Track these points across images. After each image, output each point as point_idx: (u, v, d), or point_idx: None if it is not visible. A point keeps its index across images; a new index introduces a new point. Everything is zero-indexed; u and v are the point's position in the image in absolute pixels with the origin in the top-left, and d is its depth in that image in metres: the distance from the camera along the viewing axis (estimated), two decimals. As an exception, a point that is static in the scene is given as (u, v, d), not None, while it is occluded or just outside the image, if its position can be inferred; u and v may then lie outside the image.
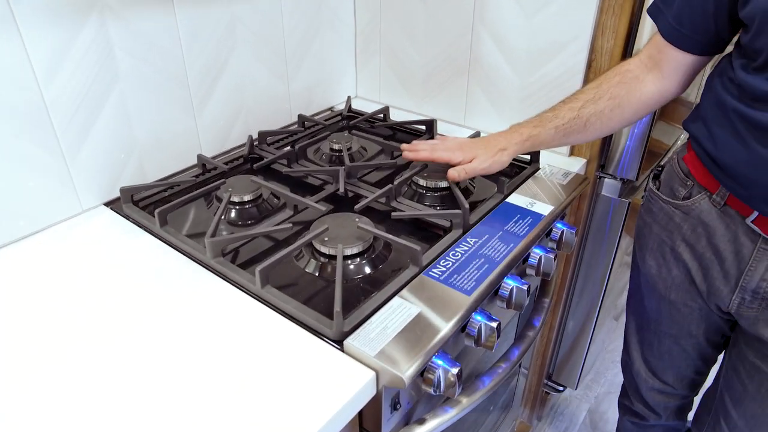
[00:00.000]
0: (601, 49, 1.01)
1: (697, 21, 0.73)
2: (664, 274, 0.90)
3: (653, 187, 0.90)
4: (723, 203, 0.77)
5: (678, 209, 0.84)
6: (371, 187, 0.95)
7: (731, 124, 0.70)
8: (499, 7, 1.06)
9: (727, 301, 0.81)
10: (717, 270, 0.81)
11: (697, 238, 0.82)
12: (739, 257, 0.77)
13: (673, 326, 0.95)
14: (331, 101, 1.33)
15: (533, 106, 1.10)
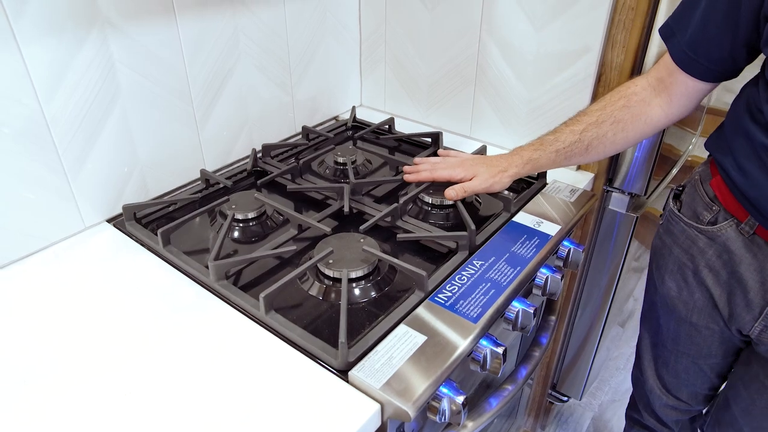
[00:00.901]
0: (610, 64, 0.99)
1: (713, 50, 0.71)
2: (685, 297, 0.88)
3: (674, 208, 0.88)
4: (752, 232, 0.75)
5: (702, 234, 0.82)
6: (376, 205, 0.94)
7: (760, 159, 0.68)
8: (506, 17, 1.04)
9: (749, 327, 0.80)
10: (741, 297, 0.80)
11: (723, 264, 0.81)
12: (765, 287, 0.76)
13: (692, 347, 0.93)
14: (336, 110, 1.32)
15: (541, 118, 1.09)
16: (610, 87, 1.00)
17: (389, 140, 1.19)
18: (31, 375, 0.62)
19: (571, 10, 0.96)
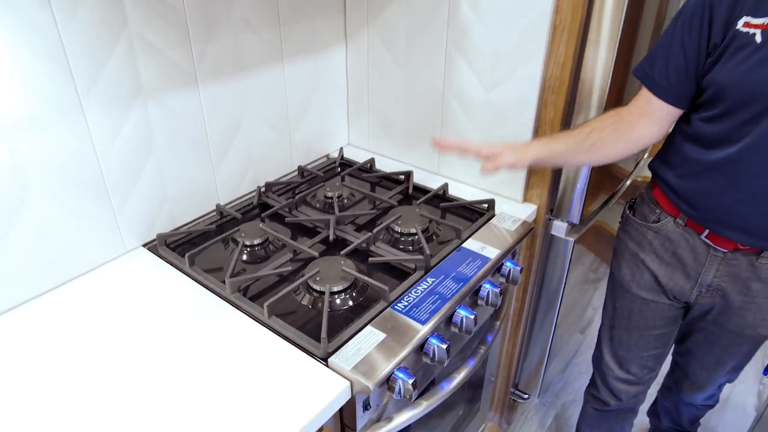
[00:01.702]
0: (545, 119, 1.24)
1: (681, 81, 0.95)
2: (637, 277, 1.18)
3: (629, 214, 1.19)
4: (684, 224, 1.06)
5: (650, 230, 1.13)
6: (356, 233, 1.19)
7: (689, 165, 1.00)
8: (463, 80, 1.30)
9: (689, 294, 1.12)
10: (681, 272, 1.11)
11: (665, 250, 1.12)
12: (697, 262, 1.07)
13: (641, 320, 1.23)
14: (327, 149, 1.57)
15: (492, 161, 1.33)
16: (544, 134, 1.25)
17: (371, 177, 1.44)
18: (100, 362, 0.87)
19: (512, 77, 1.22)
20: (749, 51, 0.85)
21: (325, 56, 1.43)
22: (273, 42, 1.27)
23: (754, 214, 0.95)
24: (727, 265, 1.04)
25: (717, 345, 1.19)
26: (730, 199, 0.96)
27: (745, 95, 0.87)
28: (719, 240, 1.02)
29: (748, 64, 0.85)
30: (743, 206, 0.95)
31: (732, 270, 1.05)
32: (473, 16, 1.21)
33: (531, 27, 1.14)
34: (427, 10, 1.29)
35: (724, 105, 0.90)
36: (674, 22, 0.95)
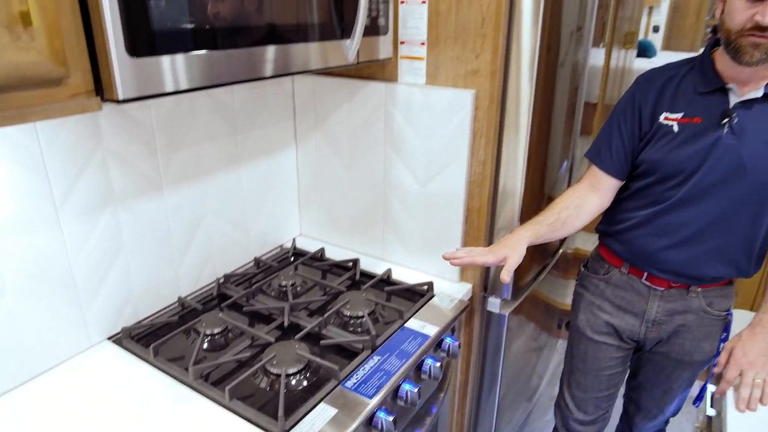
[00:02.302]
0: (473, 208, 1.42)
1: (622, 159, 1.26)
2: (592, 323, 1.43)
3: (584, 271, 1.47)
4: (627, 272, 1.34)
5: (601, 281, 1.40)
6: (309, 318, 1.30)
7: (627, 223, 1.29)
8: (400, 177, 1.48)
9: (638, 332, 1.36)
10: (630, 314, 1.36)
11: (615, 296, 1.38)
12: (641, 302, 1.33)
13: (595, 362, 1.45)
14: (281, 240, 1.70)
15: (429, 245, 1.50)
16: (474, 225, 1.43)
17: (322, 265, 1.58)
18: (69, 452, 0.92)
19: (442, 173, 1.41)
20: (670, 137, 1.17)
21: (278, 157, 1.60)
22: (230, 148, 1.43)
23: (679, 258, 1.23)
24: (665, 301, 1.30)
25: (663, 374, 1.42)
26: (660, 246, 1.24)
27: (670, 168, 1.18)
28: (656, 280, 1.29)
29: (670, 146, 1.17)
30: (670, 251, 1.23)
31: (669, 305, 1.30)
32: (406, 124, 1.42)
33: (455, 133, 1.35)
34: (366, 118, 1.49)
35: (655, 176, 1.21)
36: (611, 117, 1.29)
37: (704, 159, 1.13)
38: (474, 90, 1.30)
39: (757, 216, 1.16)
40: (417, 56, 1.36)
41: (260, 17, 0.98)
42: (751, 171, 1.11)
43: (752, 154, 1.10)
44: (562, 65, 1.56)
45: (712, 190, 1.15)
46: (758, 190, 1.12)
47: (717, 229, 1.18)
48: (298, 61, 1.09)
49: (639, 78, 1.27)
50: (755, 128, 1.10)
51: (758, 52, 1.01)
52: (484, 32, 1.25)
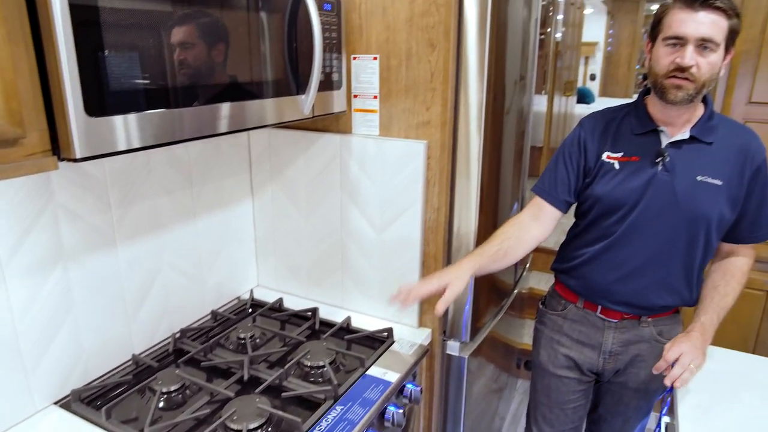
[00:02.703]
0: (429, 254, 1.46)
1: (565, 191, 1.35)
2: (553, 358, 1.47)
3: (542, 308, 1.54)
4: (582, 307, 1.41)
5: (559, 316, 1.46)
6: (269, 370, 1.29)
7: (579, 259, 1.37)
8: (357, 225, 1.51)
9: (596, 363, 1.42)
10: (588, 347, 1.41)
11: (572, 330, 1.43)
12: (597, 335, 1.39)
13: (560, 396, 1.49)
14: (238, 292, 1.68)
15: (388, 292, 1.51)
16: (430, 269, 1.46)
17: (280, 315, 1.56)
18: None
19: (398, 220, 1.44)
20: (612, 174, 1.28)
21: (234, 209, 1.60)
22: (186, 201, 1.43)
23: (628, 290, 1.32)
24: (620, 332, 1.37)
25: (622, 403, 1.48)
26: (611, 280, 1.32)
27: (613, 202, 1.27)
28: (609, 313, 1.37)
29: (613, 182, 1.27)
30: (620, 284, 1.32)
31: (623, 336, 1.37)
32: (361, 173, 1.45)
33: (409, 181, 1.39)
34: (322, 169, 1.52)
35: (600, 210, 1.30)
36: (558, 153, 1.38)
37: (643, 193, 1.24)
38: (426, 140, 1.36)
39: (692, 246, 1.26)
40: (370, 109, 1.41)
41: (217, 76, 1.01)
42: (683, 204, 1.22)
43: (684, 189, 1.22)
44: (508, 112, 1.64)
45: (651, 223, 1.25)
46: (690, 222, 1.23)
47: (659, 260, 1.28)
48: (254, 116, 1.12)
49: (583, 120, 1.38)
50: (685, 166, 1.23)
51: (681, 93, 1.15)
52: (434, 86, 1.32)
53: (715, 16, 1.09)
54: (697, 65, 1.12)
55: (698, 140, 1.23)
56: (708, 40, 1.10)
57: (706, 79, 1.14)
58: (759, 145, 1.25)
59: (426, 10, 1.29)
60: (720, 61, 1.14)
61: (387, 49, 1.36)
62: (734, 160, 1.23)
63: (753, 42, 2.03)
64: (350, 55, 1.40)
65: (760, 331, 2.26)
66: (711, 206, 1.22)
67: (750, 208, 1.26)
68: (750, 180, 1.23)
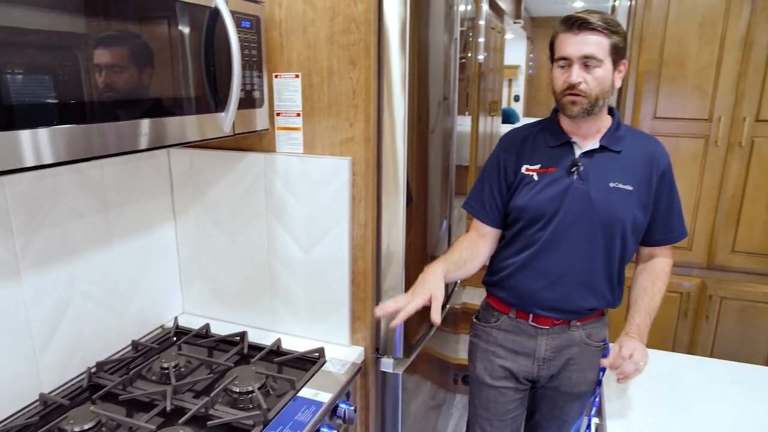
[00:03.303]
0: (358, 271, 1.45)
1: (495, 210, 1.42)
2: (490, 370, 1.49)
3: (476, 321, 1.55)
4: (515, 317, 1.44)
5: (493, 328, 1.48)
6: (194, 399, 1.22)
7: (507, 270, 1.40)
8: (284, 245, 1.48)
9: (531, 371, 1.45)
10: (523, 356, 1.44)
11: (507, 341, 1.45)
12: (531, 343, 1.42)
13: (498, 407, 1.51)
14: (162, 320, 1.60)
15: (318, 311, 1.49)
16: (361, 288, 1.45)
17: (207, 342, 1.50)
18: None
19: (325, 238, 1.43)
20: (532, 185, 1.35)
21: (155, 233, 1.54)
22: (101, 226, 1.35)
23: (556, 296, 1.36)
24: (551, 338, 1.41)
25: (557, 408, 1.52)
26: (539, 287, 1.37)
27: (534, 212, 1.33)
28: (540, 320, 1.41)
29: (532, 192, 1.34)
30: (548, 290, 1.36)
31: (555, 341, 1.41)
32: (286, 192, 1.44)
33: (334, 198, 1.39)
34: (247, 189, 1.48)
35: (523, 221, 1.36)
36: (482, 174, 1.46)
37: (561, 202, 1.31)
38: (350, 157, 1.36)
39: (610, 249, 1.34)
40: (293, 127, 1.41)
41: (133, 91, 0.98)
42: (599, 209, 1.29)
43: (598, 196, 1.29)
44: (434, 132, 1.68)
45: (571, 230, 1.31)
46: (607, 226, 1.31)
47: (582, 265, 1.34)
48: (173, 133, 1.09)
49: (502, 138, 1.45)
50: (598, 173, 1.31)
51: (576, 107, 1.24)
52: (356, 103, 1.33)
53: (594, 36, 1.20)
54: (585, 81, 1.22)
55: (608, 149, 1.32)
56: (590, 57, 1.20)
57: (598, 93, 1.23)
58: (663, 152, 1.35)
59: (346, 28, 1.30)
60: (609, 75, 1.23)
61: (309, 66, 1.36)
62: (642, 167, 1.32)
63: (653, 63, 2.19)
64: (272, 73, 1.39)
65: (677, 331, 2.40)
66: (624, 210, 1.30)
67: (660, 212, 1.36)
68: (657, 185, 1.33)
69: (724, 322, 2.32)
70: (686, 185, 2.23)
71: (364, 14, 1.28)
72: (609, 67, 1.23)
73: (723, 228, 2.24)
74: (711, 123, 2.16)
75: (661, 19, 2.14)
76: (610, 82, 1.24)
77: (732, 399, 1.35)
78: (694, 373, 1.47)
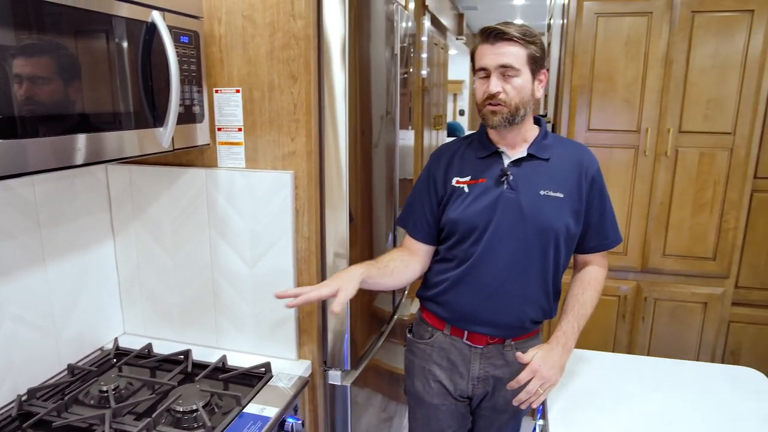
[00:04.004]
0: (302, 284, 1.45)
1: (426, 225, 1.42)
2: (427, 388, 1.46)
3: (410, 337, 1.52)
4: (449, 333, 1.41)
5: (427, 345, 1.45)
6: (135, 422, 1.19)
7: (443, 285, 1.39)
8: (227, 260, 1.47)
9: (466, 389, 1.43)
10: (457, 373, 1.42)
11: (441, 358, 1.43)
12: (465, 361, 1.41)
13: (437, 424, 1.48)
14: (101, 342, 1.55)
15: (264, 326, 1.48)
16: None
17: (149, 362, 1.46)
18: None
19: (269, 252, 1.43)
20: (463, 197, 1.35)
21: (93, 252, 1.49)
22: (33, 245, 1.30)
23: (493, 309, 1.35)
24: (485, 357, 1.40)
25: (494, 426, 1.50)
26: (473, 302, 1.36)
27: (467, 225, 1.33)
28: (475, 338, 1.39)
29: (464, 205, 1.34)
30: (485, 304, 1.35)
31: (489, 361, 1.40)
32: (229, 207, 1.43)
33: (278, 212, 1.39)
34: (188, 204, 1.47)
35: (457, 234, 1.35)
36: (414, 189, 1.46)
37: (493, 212, 1.31)
38: (293, 171, 1.37)
39: (544, 258, 1.33)
40: (235, 141, 1.40)
41: (67, 106, 0.96)
42: (530, 218, 1.30)
43: (528, 203, 1.30)
44: (377, 146, 1.71)
45: (505, 240, 1.31)
46: (540, 235, 1.31)
47: (518, 275, 1.33)
48: (110, 149, 1.07)
49: (432, 153, 1.45)
50: (528, 182, 1.32)
51: (497, 117, 1.26)
52: (297, 117, 1.34)
53: (510, 46, 1.22)
54: (504, 91, 1.24)
55: (536, 157, 1.33)
56: (507, 67, 1.23)
57: (518, 102, 1.25)
58: (591, 158, 1.37)
59: (286, 43, 1.32)
60: (528, 84, 1.26)
61: (249, 81, 1.36)
62: (571, 174, 1.34)
63: (585, 78, 2.30)
64: (212, 87, 1.39)
65: (616, 333, 2.50)
66: (556, 218, 1.31)
67: (593, 219, 1.37)
68: (588, 191, 1.35)
69: (659, 322, 2.44)
70: (619, 193, 2.34)
71: (303, 30, 1.30)
72: (527, 76, 1.25)
73: (654, 233, 2.36)
74: (639, 134, 2.29)
75: (591, 38, 2.26)
76: (530, 91, 1.26)
77: (667, 393, 1.42)
78: (632, 372, 1.53)
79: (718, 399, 1.40)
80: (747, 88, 2.15)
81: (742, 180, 2.23)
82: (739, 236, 2.31)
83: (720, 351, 2.43)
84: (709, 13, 2.13)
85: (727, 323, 2.42)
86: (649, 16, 2.18)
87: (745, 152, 2.21)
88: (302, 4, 1.29)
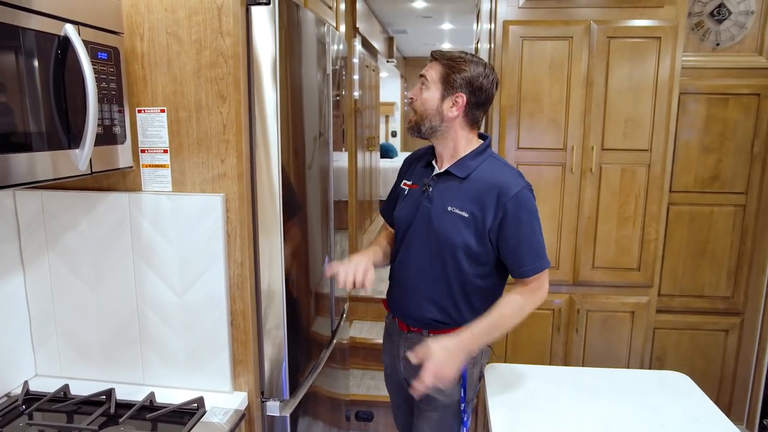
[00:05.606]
0: (236, 311, 1.38)
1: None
2: (392, 362, 1.62)
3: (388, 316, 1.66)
4: (393, 317, 1.59)
5: (386, 322, 1.66)
6: (48, 473, 1.07)
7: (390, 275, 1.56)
8: (154, 289, 1.37)
9: (399, 368, 1.58)
10: (395, 351, 1.58)
11: (387, 336, 1.64)
12: (396, 341, 1.57)
13: (398, 397, 1.69)
14: (8, 387, 1.40)
15: (195, 357, 1.39)
16: (240, 326, 1.38)
17: (66, 406, 1.33)
18: None
19: (200, 280, 1.35)
20: (403, 198, 1.52)
21: (-1, 287, 1.36)
22: (-73, 283, 1.17)
23: (407, 302, 1.50)
24: (409, 342, 1.51)
25: (432, 422, 1.53)
26: (396, 292, 1.54)
27: (398, 223, 1.51)
28: (401, 324, 1.54)
29: (401, 205, 1.52)
30: (399, 296, 1.52)
31: (410, 346, 1.44)
32: (155, 233, 1.34)
33: (208, 237, 1.32)
34: (110, 231, 1.37)
35: (396, 229, 1.54)
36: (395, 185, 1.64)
37: (413, 217, 1.46)
38: (223, 193, 1.31)
39: (444, 267, 1.43)
40: (161, 164, 1.33)
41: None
42: (435, 230, 1.42)
43: (436, 215, 1.41)
44: (311, 167, 1.67)
45: (417, 243, 1.46)
46: (440, 246, 1.41)
47: (424, 276, 1.45)
48: (17, 172, 0.98)
49: (405, 157, 1.66)
50: (441, 196, 1.42)
51: (408, 124, 1.44)
52: (227, 138, 1.29)
53: (434, 63, 1.39)
54: (415, 97, 1.41)
55: (452, 175, 1.42)
56: (422, 76, 1.40)
57: (421, 112, 1.40)
58: (510, 188, 1.35)
59: (214, 61, 1.27)
60: (434, 100, 1.37)
61: (175, 101, 1.30)
62: (483, 198, 1.36)
63: (514, 99, 2.38)
64: (135, 107, 1.31)
65: (552, 345, 2.56)
66: (456, 234, 1.39)
67: (508, 246, 1.38)
68: (501, 219, 1.35)
69: (591, 333, 2.52)
70: (549, 209, 2.42)
71: (231, 48, 1.26)
72: (436, 93, 1.37)
73: (583, 246, 2.45)
74: (566, 152, 2.38)
75: (517, 60, 2.34)
76: (435, 107, 1.38)
77: (603, 402, 1.46)
78: (569, 383, 1.57)
79: (650, 403, 1.45)
80: (659, 107, 2.30)
81: (659, 194, 2.37)
82: (660, 247, 2.44)
83: (648, 357, 2.54)
84: (622, 39, 2.27)
85: (653, 330, 2.54)
86: (570, 40, 2.29)
87: (660, 168, 2.34)
88: (230, 22, 1.25)
